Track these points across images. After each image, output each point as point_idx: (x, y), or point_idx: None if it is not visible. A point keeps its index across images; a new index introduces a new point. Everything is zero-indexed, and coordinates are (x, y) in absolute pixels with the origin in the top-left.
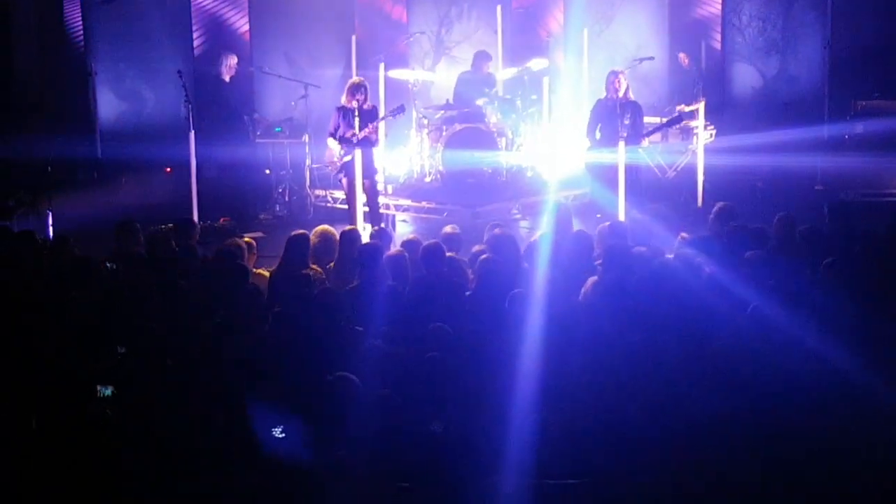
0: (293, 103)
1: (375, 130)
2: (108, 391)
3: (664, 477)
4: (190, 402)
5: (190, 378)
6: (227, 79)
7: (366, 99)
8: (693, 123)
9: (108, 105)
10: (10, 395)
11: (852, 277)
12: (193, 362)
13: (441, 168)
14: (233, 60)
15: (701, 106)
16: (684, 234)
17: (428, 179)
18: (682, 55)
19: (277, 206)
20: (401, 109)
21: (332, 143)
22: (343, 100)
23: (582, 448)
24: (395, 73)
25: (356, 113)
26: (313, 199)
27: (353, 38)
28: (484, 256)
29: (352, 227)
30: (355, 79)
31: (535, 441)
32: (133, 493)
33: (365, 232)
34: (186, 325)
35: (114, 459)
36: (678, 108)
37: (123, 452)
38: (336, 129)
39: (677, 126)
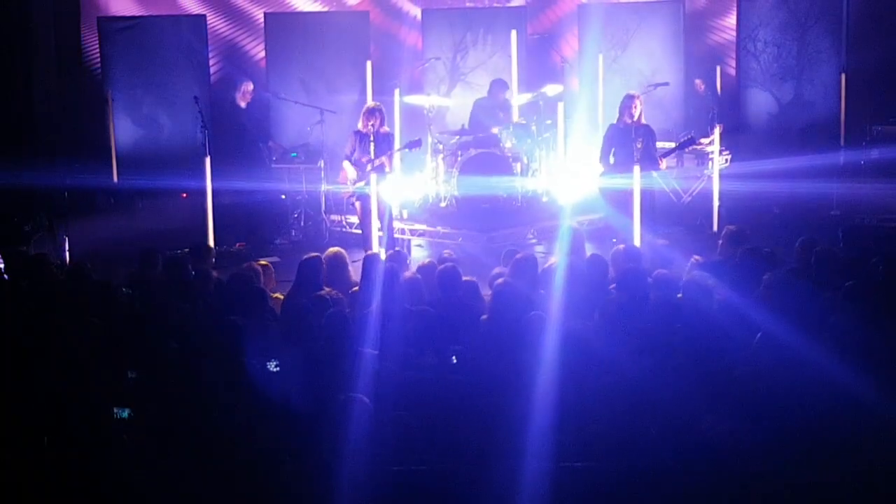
0: (309, 129)
1: (390, 158)
2: (125, 413)
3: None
4: (200, 425)
5: (202, 399)
6: (242, 105)
7: (381, 123)
8: (708, 149)
9: (125, 131)
10: (24, 418)
11: (873, 301)
12: (207, 384)
13: (456, 193)
14: (248, 87)
15: (717, 132)
16: (697, 258)
17: (443, 204)
18: (698, 81)
19: (293, 230)
20: (416, 144)
21: (347, 166)
22: (359, 125)
23: (598, 467)
24: (411, 99)
25: (371, 138)
26: (329, 224)
27: (369, 64)
28: (500, 280)
29: (374, 251)
30: (370, 103)
31: (552, 466)
32: None
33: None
34: (201, 348)
35: (124, 483)
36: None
37: (134, 476)
38: (352, 153)
39: (690, 149)
